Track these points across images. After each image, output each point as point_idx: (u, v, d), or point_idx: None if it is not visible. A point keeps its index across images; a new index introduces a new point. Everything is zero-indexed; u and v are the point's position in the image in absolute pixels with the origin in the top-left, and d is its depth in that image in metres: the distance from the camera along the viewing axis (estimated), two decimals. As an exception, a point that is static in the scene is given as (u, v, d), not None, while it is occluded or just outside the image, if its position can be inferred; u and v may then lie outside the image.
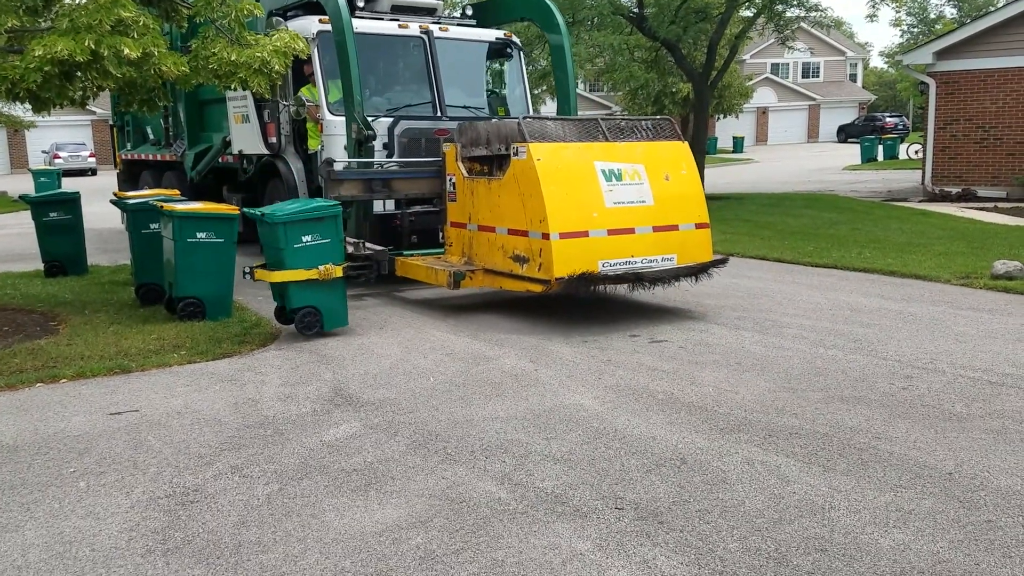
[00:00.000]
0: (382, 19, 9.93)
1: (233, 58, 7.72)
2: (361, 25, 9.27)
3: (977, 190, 17.42)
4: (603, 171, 7.51)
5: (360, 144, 8.75)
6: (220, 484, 4.22)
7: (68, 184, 22.06)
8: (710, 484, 4.09)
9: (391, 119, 9.37)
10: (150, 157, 14.48)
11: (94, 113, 43.54)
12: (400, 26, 9.79)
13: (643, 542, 3.53)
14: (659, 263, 7.65)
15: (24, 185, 25.63)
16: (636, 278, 7.49)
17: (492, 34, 10.62)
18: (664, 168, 7.86)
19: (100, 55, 6.48)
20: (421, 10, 10.31)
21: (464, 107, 10.05)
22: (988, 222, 13.54)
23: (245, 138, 10.81)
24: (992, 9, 23.81)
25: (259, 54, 7.75)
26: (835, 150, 45.12)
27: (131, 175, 15.43)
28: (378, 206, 9.37)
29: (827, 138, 55.52)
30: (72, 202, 10.65)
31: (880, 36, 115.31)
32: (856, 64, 61.63)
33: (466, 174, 8.24)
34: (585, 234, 7.31)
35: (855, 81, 61.07)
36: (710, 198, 18.29)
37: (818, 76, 58.71)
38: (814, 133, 56.74)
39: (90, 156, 40.04)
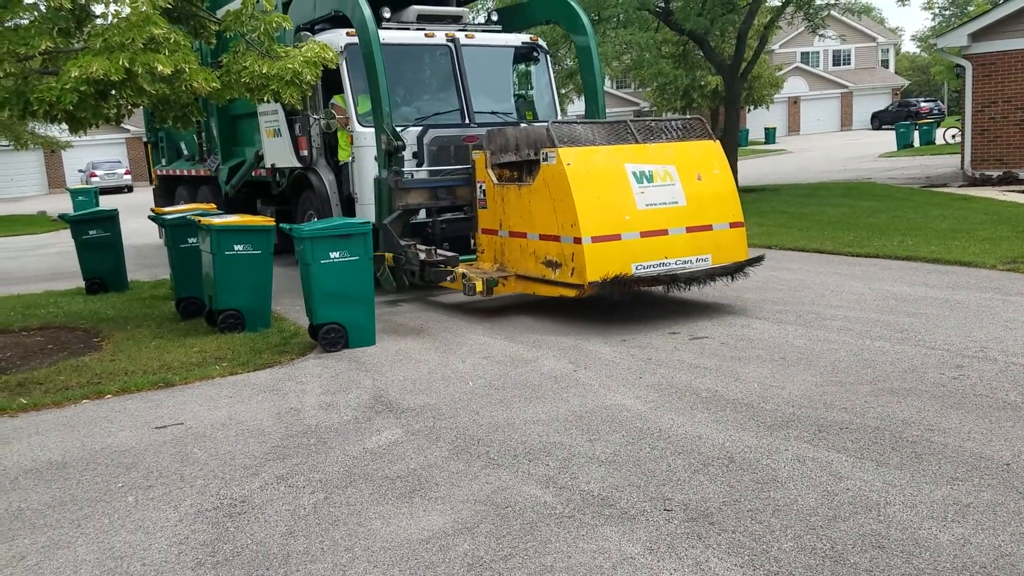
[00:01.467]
0: (408, 29, 9.99)
1: (264, 71, 7.78)
2: (388, 36, 9.32)
3: (1018, 173, 17.00)
4: (634, 173, 7.50)
5: (390, 155, 8.78)
6: (266, 495, 4.23)
7: (105, 202, 22.45)
8: (760, 483, 4.01)
9: (420, 128, 9.43)
10: (185, 172, 14.71)
11: (128, 131, 44.33)
12: (427, 35, 9.85)
13: (694, 544, 3.46)
14: (694, 264, 7.60)
15: (62, 204, 26.14)
16: (671, 279, 7.42)
17: (518, 39, 10.63)
18: (696, 168, 7.83)
19: (134, 73, 6.56)
20: (447, 18, 10.38)
21: (492, 113, 10.07)
22: (1033, 204, 13.21)
23: (277, 151, 10.94)
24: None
25: (290, 65, 7.80)
26: (869, 137, 44.40)
27: (167, 191, 15.68)
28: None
29: (860, 125, 54.68)
30: (111, 219, 10.81)
31: (911, 20, 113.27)
32: (888, 50, 60.61)
33: (496, 181, 8.26)
34: (617, 237, 7.29)
35: (887, 67, 60.06)
36: (744, 190, 18.19)
37: (849, 63, 57.85)
38: (847, 121, 55.91)
39: (126, 174, 40.72)
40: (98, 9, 8.08)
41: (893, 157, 28.88)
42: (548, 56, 10.90)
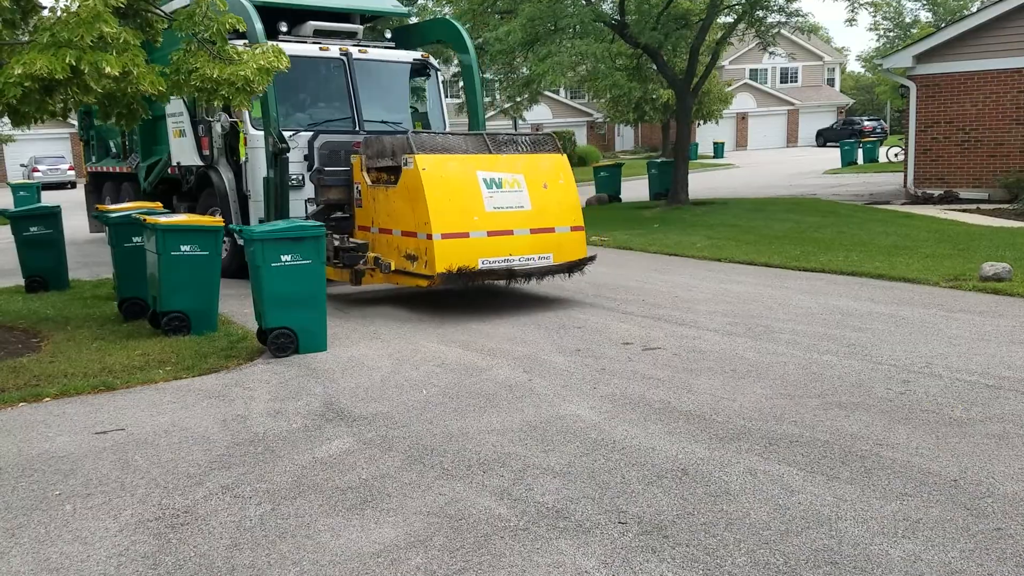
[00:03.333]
0: (305, 42, 10.62)
1: (215, 75, 7.61)
2: (284, 48, 9.12)
3: (959, 192, 17.54)
4: (485, 180, 8.39)
5: (276, 156, 9.56)
6: (211, 505, 4.10)
7: (48, 197, 21.82)
8: (713, 496, 4.02)
9: (311, 133, 10.04)
10: (111, 169, 15.03)
11: (73, 126, 43.07)
12: (321, 48, 10.48)
13: (649, 558, 3.45)
14: (536, 261, 8.55)
15: (3, 200, 25.26)
16: (509, 274, 8.38)
17: (410, 55, 11.33)
18: (543, 178, 8.77)
19: (80, 71, 6.35)
20: (342, 34, 11.01)
21: (382, 122, 10.68)
22: (972, 224, 13.62)
23: (183, 151, 11.57)
24: (969, 12, 24.10)
25: (242, 72, 7.64)
26: (814, 154, 45.42)
27: (96, 187, 16.06)
28: (301, 211, 9.97)
29: (806, 142, 55.92)
30: (52, 216, 10.47)
31: (857, 40, 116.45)
32: (834, 69, 62.14)
33: (370, 183, 9.03)
34: (466, 235, 8.17)
35: (833, 85, 61.56)
36: (694, 203, 18.49)
37: (796, 81, 59.14)
38: (793, 137, 57.13)
39: (69, 169, 39.55)
40: (47, 1, 7.83)
41: (838, 174, 29.55)
42: (438, 72, 11.64)
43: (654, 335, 7.36)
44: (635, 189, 22.61)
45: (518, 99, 30.77)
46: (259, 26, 9.24)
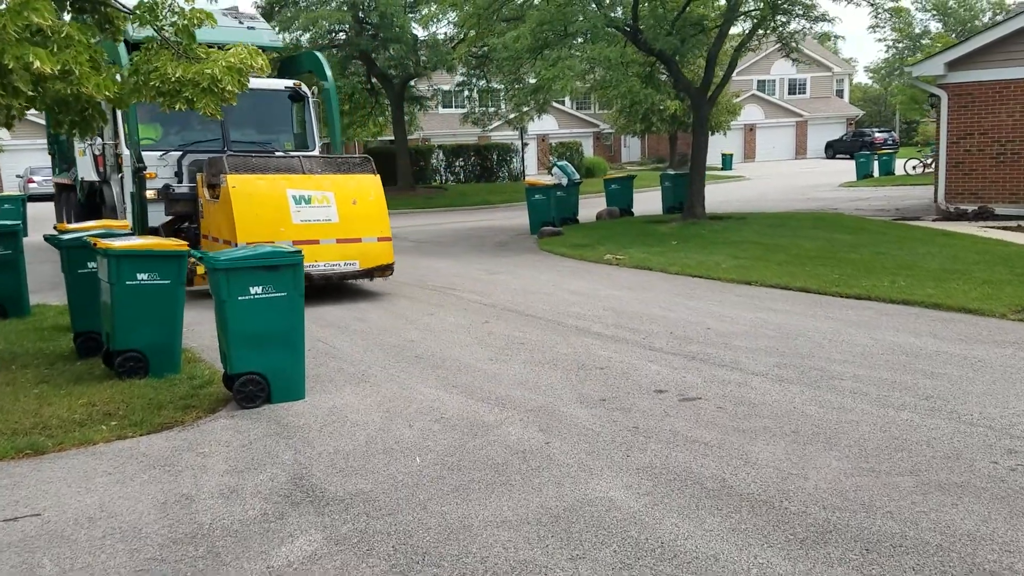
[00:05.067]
0: None
1: (178, 75, 6.58)
2: None
3: (995, 208, 16.42)
4: (294, 196, 9.63)
5: (135, 173, 11.07)
6: (123, 647, 3.01)
7: (40, 210, 20.88)
8: (811, 641, 2.92)
9: (180, 152, 11.30)
10: (65, 182, 15.86)
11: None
12: None
13: None
14: (342, 267, 9.84)
15: (-15, 212, 24.19)
16: (309, 278, 8.57)
17: (282, 83, 12.50)
18: (353, 195, 10.00)
19: (5, 68, 5.30)
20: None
21: (251, 143, 11.76)
22: (1021, 244, 12.51)
23: (86, 168, 13.28)
24: (1003, 18, 23.03)
25: (208, 71, 6.60)
26: (825, 166, 44.41)
27: (59, 199, 16.85)
28: (155, 218, 11.16)
29: (815, 154, 54.85)
30: (11, 236, 9.39)
31: (865, 52, 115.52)
32: (843, 80, 61.18)
33: (208, 197, 10.21)
34: (271, 244, 8.84)
35: (842, 97, 60.58)
36: (711, 217, 17.40)
37: (805, 92, 58.13)
38: (802, 149, 56.09)
39: (63, 181, 38.50)
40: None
41: (854, 187, 28.47)
42: (309, 99, 12.56)
43: (690, 380, 6.25)
44: (646, 202, 21.52)
45: (524, 109, 29.84)
46: (124, 58, 9.80)
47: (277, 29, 27.39)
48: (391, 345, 7.71)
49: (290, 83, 12.41)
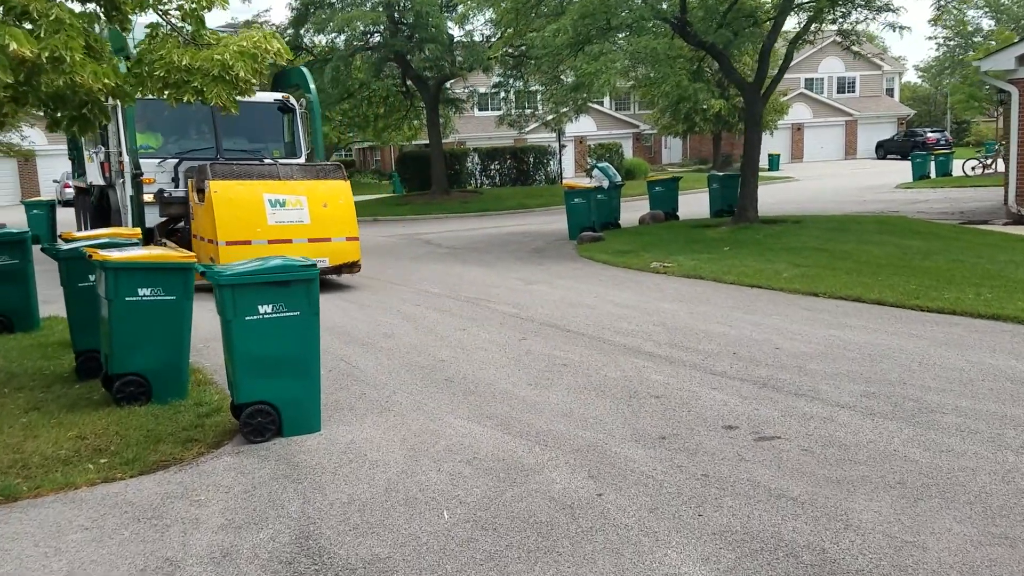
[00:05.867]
0: None
1: (185, 62, 5.90)
2: None
3: (1073, 210, 15.23)
4: (270, 200, 10.64)
5: (133, 178, 12.16)
6: None
7: (71, 215, 20.55)
8: None
9: (177, 160, 12.47)
10: (81, 186, 16.63)
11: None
12: None
13: None
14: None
15: (17, 218, 24.05)
16: None
17: (271, 96, 13.54)
18: (324, 199, 11.01)
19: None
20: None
21: (242, 151, 12.86)
22: (1111, 249, 11.40)
23: (94, 173, 14.43)
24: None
25: (218, 57, 5.91)
26: (876, 167, 42.90)
27: (77, 203, 17.43)
28: (151, 219, 12.28)
29: (865, 154, 53.19)
30: (18, 244, 8.82)
31: (914, 51, 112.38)
32: (893, 78, 59.31)
33: (197, 201, 11.19)
34: (248, 243, 10.29)
35: (892, 95, 58.73)
36: (764, 221, 16.38)
37: (854, 91, 56.44)
38: (851, 149, 54.41)
39: (102, 185, 38.57)
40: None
41: (911, 188, 27.17)
42: (296, 110, 13.59)
43: (764, 413, 5.39)
44: (691, 205, 20.58)
45: (563, 110, 28.99)
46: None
47: (312, 31, 27.09)
48: (420, 366, 6.96)
49: (279, 96, 13.58)
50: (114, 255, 5.78)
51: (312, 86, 13.78)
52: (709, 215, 18.83)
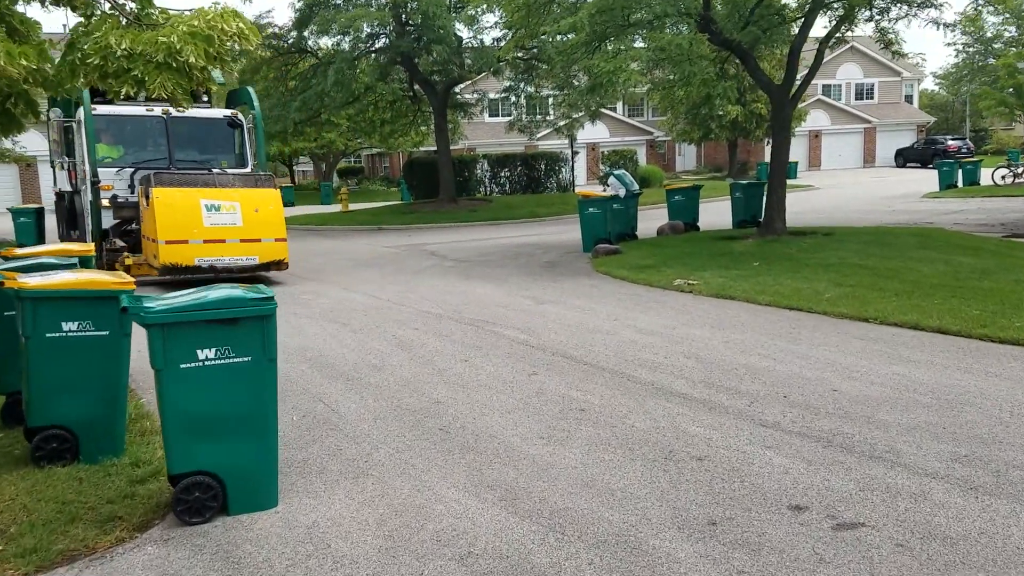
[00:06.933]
0: (138, 104, 13.65)
1: (124, 47, 4.85)
2: (118, 110, 13.66)
3: None
4: (206, 205, 11.99)
5: (93, 185, 13.26)
6: None
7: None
8: None
9: (133, 168, 13.61)
10: (58, 191, 16.99)
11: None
12: (147, 109, 13.81)
13: None
14: (243, 261, 12.19)
15: (4, 225, 23.11)
16: (215, 270, 11.86)
17: (221, 113, 14.86)
18: (255, 204, 12.38)
19: None
20: (167, 99, 12.81)
21: (193, 162, 13.94)
22: None
23: (63, 180, 15.89)
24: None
25: (165, 39, 4.86)
26: (898, 175, 41.66)
27: (57, 208, 17.34)
28: (107, 222, 13.48)
29: (883, 162, 51.91)
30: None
31: (930, 58, 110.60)
32: (912, 85, 57.99)
33: (145, 205, 12.39)
34: (185, 242, 11.84)
35: (911, 102, 57.41)
36: (792, 233, 15.23)
37: (872, 97, 55.17)
38: (870, 157, 53.12)
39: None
40: None
41: (940, 198, 25.95)
42: (244, 126, 14.77)
43: (837, 485, 4.27)
44: (712, 215, 19.44)
45: (576, 115, 27.92)
46: (85, 95, 13.15)
47: (316, 32, 26.12)
48: (411, 409, 5.87)
49: (228, 112, 14.94)
50: (31, 281, 4.72)
51: (256, 104, 15.28)
52: (732, 226, 17.70)
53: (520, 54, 24.45)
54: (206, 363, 3.99)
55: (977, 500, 4.03)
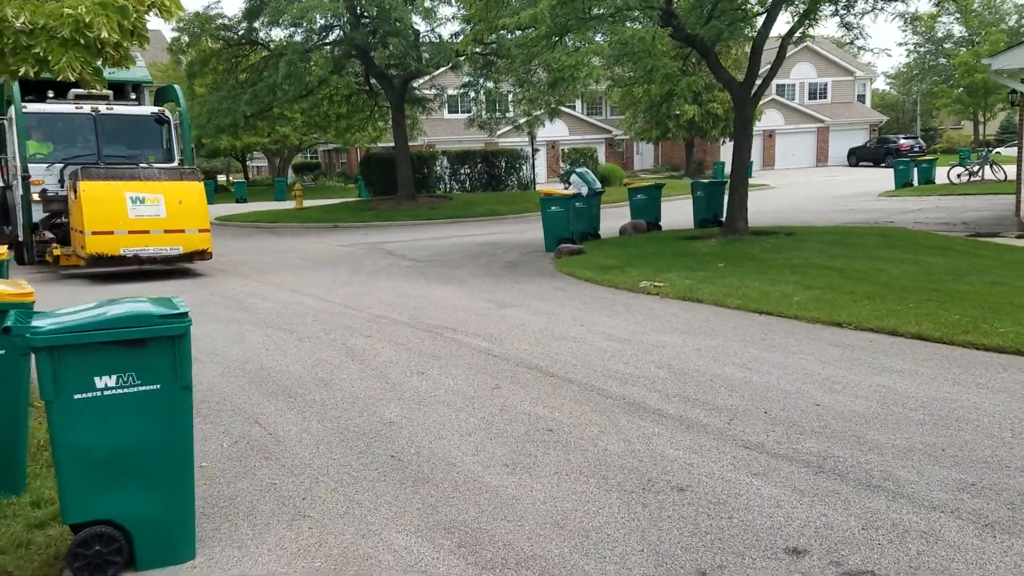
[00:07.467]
0: (67, 102, 14.41)
1: (23, 20, 4.22)
2: (48, 107, 14.25)
3: (1092, 222, 13.97)
4: (131, 198, 12.62)
5: (23, 180, 13.77)
6: None
7: None
8: None
9: (63, 164, 13.99)
10: None
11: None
12: (76, 107, 14.32)
13: None
14: (167, 251, 12.89)
15: None
16: (138, 259, 12.84)
17: (148, 110, 15.35)
18: (179, 196, 13.00)
19: None
20: (97, 96, 14.38)
21: (121, 157, 14.32)
22: None
23: None
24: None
25: (71, 11, 4.23)
26: (850, 174, 42.01)
27: None
28: (37, 215, 13.98)
29: (836, 161, 52.37)
30: None
31: (880, 58, 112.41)
32: (865, 84, 58.63)
33: (73, 198, 12.82)
34: (111, 233, 12.48)
35: (864, 102, 58.04)
36: (755, 232, 14.91)
37: (825, 97, 55.63)
38: (823, 156, 53.55)
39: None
40: None
41: (896, 197, 26.02)
42: (171, 122, 15.13)
43: (837, 522, 3.80)
44: (674, 213, 19.09)
45: (536, 112, 27.43)
46: (16, 94, 13.56)
47: (267, 23, 25.19)
48: (359, 432, 5.28)
49: (155, 109, 15.39)
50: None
51: (183, 102, 15.89)
52: (694, 225, 17.39)
53: (479, 49, 23.86)
54: (105, 393, 3.37)
55: (995, 540, 3.60)
